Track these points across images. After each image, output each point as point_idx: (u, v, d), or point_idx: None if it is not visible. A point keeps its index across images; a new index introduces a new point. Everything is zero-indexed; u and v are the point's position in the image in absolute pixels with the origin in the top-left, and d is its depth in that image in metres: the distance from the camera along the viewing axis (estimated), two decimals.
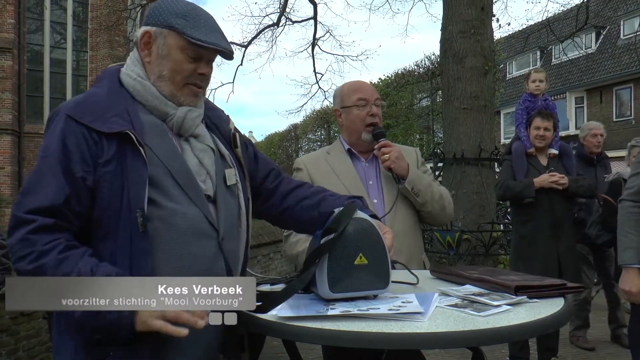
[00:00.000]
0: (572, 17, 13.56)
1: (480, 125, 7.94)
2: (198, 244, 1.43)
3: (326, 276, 1.45)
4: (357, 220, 1.52)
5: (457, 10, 8.10)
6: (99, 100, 1.43)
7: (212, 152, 1.53)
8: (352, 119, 2.34)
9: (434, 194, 2.28)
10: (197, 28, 1.45)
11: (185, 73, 1.49)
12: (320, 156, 2.42)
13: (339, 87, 2.47)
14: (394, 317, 1.33)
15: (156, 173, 1.40)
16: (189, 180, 1.45)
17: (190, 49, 1.46)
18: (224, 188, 1.55)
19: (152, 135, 1.44)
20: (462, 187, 7.75)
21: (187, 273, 1.37)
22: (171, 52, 1.47)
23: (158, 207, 1.38)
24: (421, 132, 29.50)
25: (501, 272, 1.80)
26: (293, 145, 49.75)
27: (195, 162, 1.49)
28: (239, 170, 1.62)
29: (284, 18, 14.29)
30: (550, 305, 1.45)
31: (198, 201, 1.45)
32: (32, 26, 20.04)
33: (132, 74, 1.51)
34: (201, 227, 1.44)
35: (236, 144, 1.64)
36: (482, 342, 1.30)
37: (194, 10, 1.48)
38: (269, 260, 8.19)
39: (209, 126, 1.63)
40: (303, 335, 1.30)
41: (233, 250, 1.52)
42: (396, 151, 2.25)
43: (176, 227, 1.40)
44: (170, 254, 1.39)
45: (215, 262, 1.46)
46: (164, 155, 1.43)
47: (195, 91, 1.52)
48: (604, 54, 25.15)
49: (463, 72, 7.97)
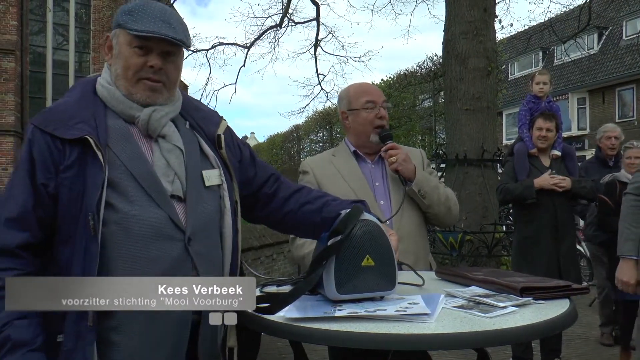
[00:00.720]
0: (574, 17, 13.55)
1: (483, 126, 7.95)
2: (157, 247, 1.40)
3: (333, 277, 1.46)
4: (364, 222, 1.53)
5: (459, 12, 8.11)
6: (66, 108, 1.46)
7: (179, 152, 1.51)
8: (360, 122, 2.34)
9: (440, 195, 2.30)
10: (140, 20, 1.45)
11: (135, 67, 1.48)
12: (326, 158, 2.43)
13: (345, 89, 2.48)
14: (401, 318, 1.33)
15: (117, 176, 1.40)
16: (153, 182, 1.44)
17: (136, 42, 1.46)
18: (200, 188, 1.53)
19: (116, 139, 1.45)
20: (465, 188, 7.76)
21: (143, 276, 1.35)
22: (121, 49, 1.49)
23: (115, 210, 1.39)
24: (423, 133, 29.48)
25: (506, 274, 1.80)
26: (295, 146, 49.75)
27: (163, 163, 1.48)
28: (225, 172, 1.60)
29: (287, 19, 14.32)
30: (556, 307, 1.46)
31: (162, 203, 1.43)
32: (34, 28, 20.09)
33: (102, 81, 1.53)
34: (162, 229, 1.42)
35: (220, 145, 1.62)
36: (489, 344, 1.31)
37: (142, 6, 1.48)
38: (272, 261, 8.20)
39: (193, 126, 1.62)
40: (311, 336, 1.30)
41: (205, 252, 1.49)
42: (403, 153, 2.26)
43: (132, 231, 1.39)
44: (125, 257, 1.38)
45: (181, 264, 1.43)
46: (127, 158, 1.44)
47: (149, 86, 1.50)
48: (607, 54, 25.13)
49: (466, 73, 7.98)
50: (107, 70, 1.55)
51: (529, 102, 4.83)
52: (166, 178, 1.47)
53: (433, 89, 22.82)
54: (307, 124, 43.13)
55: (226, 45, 14.92)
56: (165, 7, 1.51)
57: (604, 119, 21.50)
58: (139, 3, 1.48)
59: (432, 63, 23.49)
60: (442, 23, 8.59)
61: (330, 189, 2.25)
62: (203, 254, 1.48)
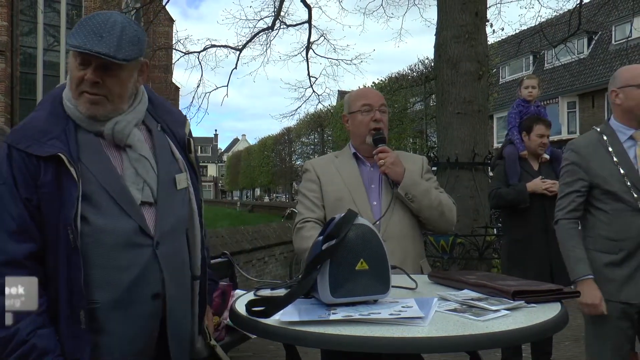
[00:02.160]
0: (564, 22, 13.64)
1: (474, 129, 7.99)
2: (127, 255, 1.49)
3: (328, 281, 1.47)
4: (358, 226, 1.54)
5: (451, 16, 8.15)
6: (37, 124, 1.51)
7: (146, 161, 1.57)
8: (356, 124, 2.44)
9: (432, 201, 2.33)
10: (76, 34, 1.46)
11: (76, 81, 1.51)
12: (329, 159, 2.54)
13: (348, 95, 2.60)
14: (395, 321, 1.35)
15: (91, 189, 1.47)
16: (123, 193, 1.51)
17: (77, 57, 1.49)
18: (172, 192, 1.61)
19: (88, 153, 1.51)
20: (456, 192, 7.78)
21: (116, 284, 1.47)
22: (70, 62, 1.54)
23: (88, 223, 1.46)
24: (415, 136, 29.54)
25: (498, 277, 1.82)
26: (286, 149, 49.77)
27: (132, 172, 1.55)
28: (191, 174, 1.69)
29: (279, 22, 14.31)
30: (548, 310, 1.48)
31: (132, 213, 1.51)
32: (25, 29, 20.01)
33: (65, 97, 1.57)
34: (132, 238, 1.50)
35: (190, 149, 1.71)
36: (482, 347, 1.32)
37: (87, 18, 1.50)
38: (264, 264, 8.20)
39: (165, 130, 1.68)
40: (305, 339, 1.31)
41: (171, 253, 1.57)
42: (392, 157, 2.33)
43: (102, 243, 1.47)
44: (97, 268, 1.46)
45: (149, 269, 1.52)
46: (98, 171, 1.50)
47: (88, 99, 1.51)
48: (596, 59, 25.34)
49: (457, 77, 8.01)
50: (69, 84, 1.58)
51: (519, 105, 4.87)
52: (136, 186, 1.54)
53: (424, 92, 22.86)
54: (299, 127, 43.15)
55: (218, 47, 14.89)
56: (110, 18, 1.49)
57: (594, 122, 21.58)
58: (88, 16, 1.53)
59: (424, 66, 23.57)
60: (434, 27, 8.64)
61: (329, 186, 2.37)
62: (170, 255, 1.57)
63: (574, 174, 2.60)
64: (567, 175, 2.63)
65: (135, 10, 14.20)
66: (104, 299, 1.46)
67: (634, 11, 17.36)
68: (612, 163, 2.49)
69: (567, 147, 2.72)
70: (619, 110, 2.58)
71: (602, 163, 2.51)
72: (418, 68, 24.37)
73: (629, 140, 2.53)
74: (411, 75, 25.01)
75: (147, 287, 1.51)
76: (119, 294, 1.47)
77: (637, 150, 2.51)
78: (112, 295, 1.47)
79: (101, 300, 1.46)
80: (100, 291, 1.46)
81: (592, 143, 2.59)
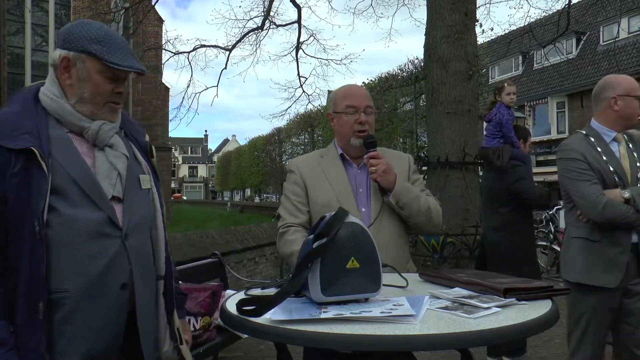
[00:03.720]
0: (553, 22, 13.73)
1: (464, 129, 8.02)
2: (97, 244, 1.55)
3: (319, 280, 1.47)
4: (349, 225, 1.53)
5: (441, 16, 8.18)
6: (9, 118, 1.58)
7: (125, 158, 1.69)
8: (341, 125, 2.36)
9: (421, 206, 2.28)
10: (113, 52, 1.61)
11: (105, 94, 1.64)
12: (314, 159, 2.42)
13: (334, 91, 2.50)
14: (387, 319, 1.34)
15: (60, 182, 1.54)
16: (93, 186, 1.59)
17: (108, 71, 1.62)
18: (137, 190, 1.71)
19: (58, 148, 1.58)
20: (447, 191, 7.82)
21: (86, 272, 1.53)
22: (91, 75, 1.62)
23: (59, 214, 1.52)
24: (405, 136, 29.62)
25: (489, 275, 1.82)
26: (277, 149, 49.75)
27: (107, 167, 1.64)
28: (154, 177, 1.80)
29: (268, 22, 14.32)
30: (539, 307, 1.48)
31: (102, 204, 1.58)
32: (12, 28, 19.86)
33: (49, 93, 1.64)
34: (102, 228, 1.57)
35: (152, 154, 1.85)
36: (474, 344, 1.32)
37: (108, 36, 1.63)
38: (255, 264, 8.18)
39: (128, 136, 1.80)
40: (296, 338, 1.31)
41: (138, 246, 1.65)
42: (384, 164, 2.25)
43: (74, 232, 1.53)
44: (69, 256, 1.52)
45: (118, 259, 1.58)
46: (69, 165, 1.57)
47: (114, 108, 1.68)
48: (584, 59, 25.51)
49: (447, 76, 8.05)
50: (54, 84, 1.65)
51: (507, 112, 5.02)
52: (109, 181, 1.63)
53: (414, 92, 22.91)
54: (289, 127, 43.14)
55: (208, 47, 14.89)
56: (117, 35, 1.68)
57: (583, 122, 21.73)
58: (103, 33, 1.63)
59: (414, 66, 23.61)
60: (424, 26, 8.67)
61: (315, 191, 2.29)
62: (137, 248, 1.64)
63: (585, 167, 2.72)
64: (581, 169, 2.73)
65: (125, 10, 14.12)
66: (73, 287, 1.51)
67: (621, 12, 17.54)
68: (602, 160, 2.70)
69: (561, 147, 2.86)
70: (613, 115, 2.75)
71: (596, 160, 2.71)
72: (408, 68, 24.42)
73: (613, 142, 2.77)
74: (401, 75, 25.05)
75: (116, 276, 1.57)
76: (89, 282, 1.53)
77: (621, 149, 2.76)
78: (82, 284, 1.52)
79: (70, 288, 1.51)
80: (71, 280, 1.51)
81: (582, 143, 2.77)
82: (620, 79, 2.82)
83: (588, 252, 2.75)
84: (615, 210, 2.62)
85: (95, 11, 14.89)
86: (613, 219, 2.64)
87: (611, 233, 2.68)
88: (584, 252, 2.77)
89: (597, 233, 2.72)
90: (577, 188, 2.75)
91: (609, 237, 2.70)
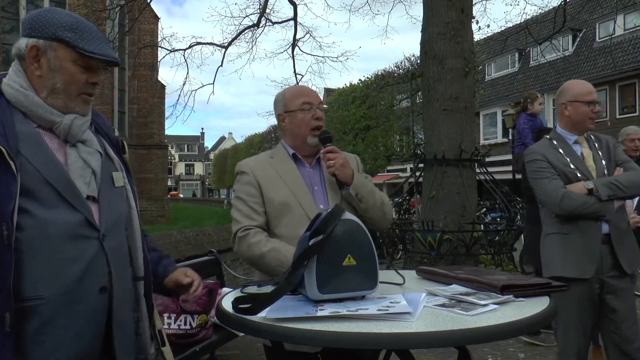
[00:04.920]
0: (549, 19, 13.74)
1: (461, 126, 8.01)
2: (74, 247, 1.46)
3: (315, 277, 1.46)
4: (345, 222, 1.53)
5: (437, 12, 8.16)
6: None
7: (99, 155, 1.59)
8: (297, 123, 2.33)
9: (377, 200, 2.31)
10: (87, 40, 1.51)
11: (79, 84, 1.54)
12: (265, 160, 2.39)
13: (281, 92, 2.47)
14: (383, 317, 1.34)
15: (31, 183, 1.43)
16: (67, 185, 1.49)
17: (82, 60, 1.52)
18: (111, 189, 1.61)
19: (27, 145, 1.47)
20: (443, 188, 7.81)
21: (62, 276, 1.43)
22: (63, 64, 1.52)
23: (31, 216, 1.42)
24: (401, 133, 29.64)
25: (487, 272, 1.82)
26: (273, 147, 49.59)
27: (80, 165, 1.54)
28: (126, 174, 1.70)
29: (264, 19, 14.25)
30: (536, 304, 1.48)
31: (77, 204, 1.49)
32: (6, 26, 19.74)
33: (14, 84, 1.53)
34: (78, 230, 1.48)
35: (124, 149, 1.73)
36: (471, 341, 1.31)
37: (80, 23, 1.54)
38: None
39: (98, 131, 1.70)
40: (293, 336, 1.30)
41: (116, 247, 1.56)
42: (342, 158, 2.26)
43: (48, 234, 1.43)
44: (43, 261, 1.42)
45: (97, 261, 1.50)
46: (40, 164, 1.46)
47: (87, 100, 1.58)
48: (581, 56, 25.53)
49: (443, 73, 8.03)
50: (20, 75, 1.54)
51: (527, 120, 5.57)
52: (83, 180, 1.53)
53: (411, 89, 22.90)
54: None
55: (203, 45, 14.83)
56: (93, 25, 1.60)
57: None
58: (75, 20, 1.53)
59: (410, 63, 23.59)
60: (420, 24, 8.65)
61: (271, 191, 2.23)
62: (115, 248, 1.55)
63: (545, 166, 2.96)
64: (541, 168, 2.97)
65: (120, 7, 14.05)
66: (49, 294, 1.42)
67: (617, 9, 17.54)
68: (565, 160, 2.93)
69: (527, 151, 3.15)
70: (566, 120, 3.01)
71: (558, 160, 2.94)
72: (404, 65, 24.41)
73: (575, 144, 3.00)
74: (397, 72, 25.04)
75: (95, 280, 1.48)
76: (66, 287, 1.44)
77: (584, 150, 2.99)
78: (59, 289, 1.43)
79: (46, 295, 1.41)
80: (46, 285, 1.42)
81: (545, 146, 3.02)
82: (573, 84, 3.06)
83: (562, 246, 2.90)
84: (573, 201, 2.80)
85: (91, 8, 14.79)
86: (572, 209, 2.81)
87: (580, 224, 2.85)
88: (558, 246, 2.92)
89: (567, 226, 2.88)
90: (538, 185, 2.98)
91: (578, 228, 2.85)
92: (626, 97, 23.00)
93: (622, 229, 2.91)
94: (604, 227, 2.85)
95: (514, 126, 5.49)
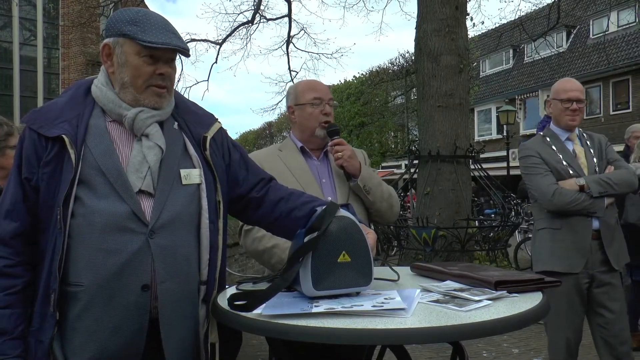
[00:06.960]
0: (544, 16, 13.78)
1: (456, 122, 8.03)
2: (117, 239, 1.47)
3: (310, 274, 1.46)
4: (340, 219, 1.53)
5: (431, 9, 8.17)
6: (54, 107, 1.57)
7: (159, 150, 1.57)
8: (305, 116, 2.38)
9: (384, 192, 2.35)
10: (148, 31, 1.53)
11: (145, 76, 1.56)
12: (274, 153, 2.43)
13: (294, 85, 2.53)
14: (378, 313, 1.34)
15: (89, 172, 1.50)
16: (119, 177, 1.51)
17: (145, 51, 1.54)
18: (175, 186, 1.58)
19: (94, 137, 1.54)
20: (438, 185, 7.83)
21: (101, 267, 1.46)
22: (128, 58, 1.55)
23: (82, 204, 1.48)
24: (396, 129, 29.68)
25: (480, 268, 1.83)
26: (268, 144, 49.67)
27: (139, 159, 1.55)
28: (207, 172, 1.64)
29: (259, 15, 14.23)
30: (530, 300, 1.49)
31: (127, 197, 1.50)
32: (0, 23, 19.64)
33: (97, 82, 1.62)
34: (124, 222, 1.48)
35: (205, 146, 1.68)
36: (465, 337, 1.32)
37: (144, 16, 1.56)
38: (247, 259, 8.17)
39: (181, 127, 1.68)
40: (288, 333, 1.30)
41: (168, 245, 1.52)
42: (349, 150, 2.30)
43: (94, 224, 1.47)
44: (86, 249, 1.47)
45: (141, 257, 1.48)
46: (99, 154, 1.52)
47: (157, 92, 1.59)
48: (575, 52, 25.59)
49: (438, 70, 8.05)
50: (103, 73, 1.62)
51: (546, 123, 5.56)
52: (138, 174, 1.53)
53: (405, 85, 22.95)
54: (280, 121, 43.07)
55: (198, 41, 14.79)
56: (163, 17, 1.60)
57: None
58: (140, 13, 1.57)
59: (404, 60, 23.65)
60: (414, 20, 8.66)
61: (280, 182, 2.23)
62: (166, 247, 1.51)
63: (538, 162, 3.01)
64: (534, 164, 3.02)
65: (114, 3, 13.99)
66: (88, 282, 1.45)
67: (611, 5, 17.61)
68: (557, 157, 2.98)
69: (520, 147, 3.19)
70: (552, 117, 3.13)
71: (550, 156, 2.99)
72: (399, 62, 24.47)
73: (567, 141, 3.07)
74: (392, 68, 25.10)
75: (135, 276, 1.46)
76: (103, 278, 1.45)
77: (576, 147, 3.05)
78: (96, 279, 1.45)
79: (85, 282, 1.45)
80: (87, 273, 1.45)
81: (538, 143, 3.08)
82: (558, 82, 3.15)
83: (552, 241, 2.95)
84: (565, 197, 2.87)
85: (84, 5, 14.74)
86: (564, 205, 2.87)
87: (571, 220, 2.90)
88: (548, 241, 2.97)
89: (558, 221, 2.94)
90: (530, 180, 3.03)
91: (569, 224, 2.91)
92: (619, 94, 23.08)
93: (611, 226, 2.96)
94: (594, 223, 2.90)
95: None
